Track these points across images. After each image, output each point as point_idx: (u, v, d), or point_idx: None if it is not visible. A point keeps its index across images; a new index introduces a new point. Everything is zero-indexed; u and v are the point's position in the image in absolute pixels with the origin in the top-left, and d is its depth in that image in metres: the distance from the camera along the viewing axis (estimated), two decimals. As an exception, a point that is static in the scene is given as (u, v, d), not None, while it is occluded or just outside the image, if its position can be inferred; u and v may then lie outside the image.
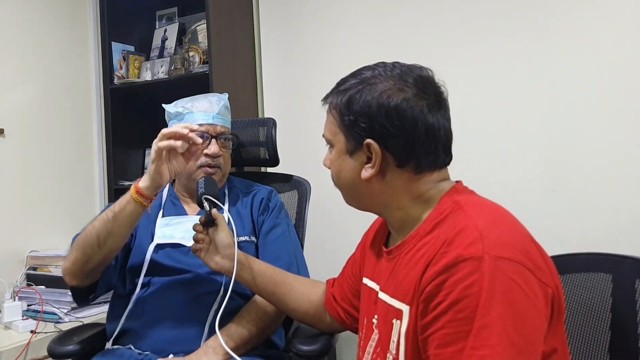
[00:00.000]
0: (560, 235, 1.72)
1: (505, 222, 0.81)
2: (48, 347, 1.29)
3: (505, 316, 0.70)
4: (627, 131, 1.67)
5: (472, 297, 0.71)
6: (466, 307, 0.71)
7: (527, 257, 0.75)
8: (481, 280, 0.71)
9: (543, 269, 0.77)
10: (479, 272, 0.72)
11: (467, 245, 0.75)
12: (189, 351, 1.19)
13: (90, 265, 1.24)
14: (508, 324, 0.70)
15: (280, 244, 1.38)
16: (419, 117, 0.83)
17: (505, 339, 0.69)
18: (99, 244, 1.20)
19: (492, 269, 0.72)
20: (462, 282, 0.72)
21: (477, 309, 0.71)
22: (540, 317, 0.74)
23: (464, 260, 0.73)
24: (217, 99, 1.46)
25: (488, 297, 0.71)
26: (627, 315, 1.01)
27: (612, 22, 1.69)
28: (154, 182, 1.17)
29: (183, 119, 1.40)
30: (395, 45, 2.05)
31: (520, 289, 0.72)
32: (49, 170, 2.30)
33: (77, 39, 2.48)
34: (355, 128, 0.86)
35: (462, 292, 0.72)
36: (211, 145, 1.38)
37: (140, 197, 1.17)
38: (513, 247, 0.75)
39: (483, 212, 0.81)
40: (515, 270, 0.73)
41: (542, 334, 0.74)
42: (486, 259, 0.72)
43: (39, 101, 2.28)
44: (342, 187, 0.94)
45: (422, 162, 0.85)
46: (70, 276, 1.27)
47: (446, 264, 0.75)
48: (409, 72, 0.87)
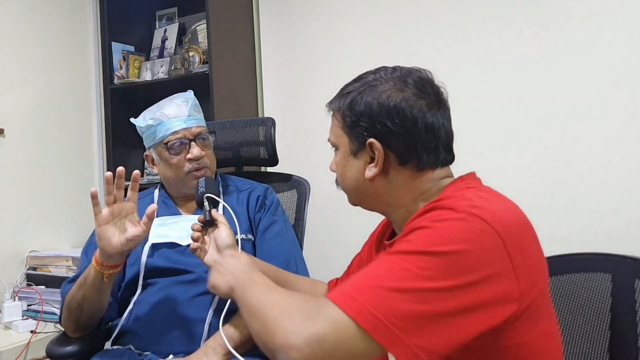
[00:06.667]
0: (560, 235, 1.72)
1: (504, 204, 0.81)
2: (47, 348, 1.28)
3: (440, 257, 0.72)
4: (626, 131, 1.67)
5: (428, 229, 0.75)
6: (416, 234, 0.76)
7: (508, 233, 0.75)
8: (448, 218, 0.75)
9: (519, 255, 0.75)
10: (451, 214, 0.76)
11: (451, 203, 0.78)
12: (189, 351, 1.18)
13: (82, 323, 1.26)
14: (439, 265, 0.72)
15: (277, 241, 1.38)
16: (419, 116, 0.86)
17: (414, 276, 0.71)
18: (79, 307, 1.22)
19: (465, 217, 0.75)
20: (431, 217, 0.77)
21: (421, 237, 0.75)
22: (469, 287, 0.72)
23: (442, 207, 0.78)
24: (183, 100, 1.40)
25: (440, 234, 0.74)
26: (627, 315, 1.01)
27: (612, 23, 1.69)
28: (99, 243, 1.13)
29: (155, 131, 1.36)
30: (395, 45, 2.05)
31: (474, 247, 0.72)
32: (49, 170, 2.31)
33: (77, 39, 2.48)
34: (357, 128, 0.89)
35: (424, 222, 0.77)
36: (192, 149, 1.35)
37: (98, 265, 1.15)
38: (499, 219, 0.76)
39: (481, 193, 0.83)
40: (483, 229, 0.74)
41: (457, 298, 0.72)
42: (464, 214, 0.75)
43: (39, 101, 2.28)
44: (347, 189, 0.97)
45: (423, 160, 0.88)
46: (69, 332, 1.29)
47: (424, 209, 0.80)
48: (409, 74, 0.90)
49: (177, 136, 1.35)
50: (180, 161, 1.36)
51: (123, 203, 1.13)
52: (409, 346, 0.69)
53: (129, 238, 1.12)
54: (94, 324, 1.29)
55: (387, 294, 0.71)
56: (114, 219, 1.12)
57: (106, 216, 1.11)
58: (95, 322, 1.29)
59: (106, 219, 1.11)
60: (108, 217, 1.11)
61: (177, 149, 1.36)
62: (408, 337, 0.69)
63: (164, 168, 1.40)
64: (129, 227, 1.12)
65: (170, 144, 1.35)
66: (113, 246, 1.11)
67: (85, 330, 1.29)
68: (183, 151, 1.36)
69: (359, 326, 0.70)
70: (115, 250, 1.12)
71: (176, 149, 1.36)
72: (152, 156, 1.43)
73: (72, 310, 1.24)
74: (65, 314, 1.26)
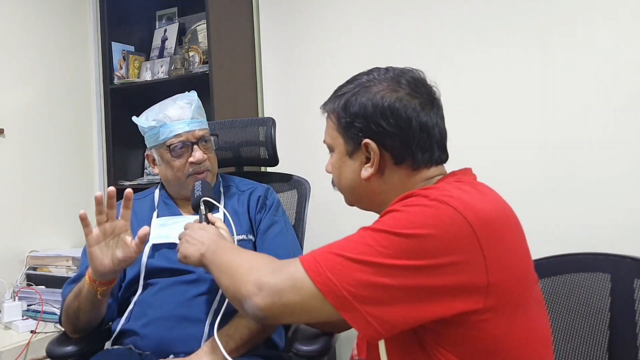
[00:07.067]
0: (560, 235, 1.73)
1: (485, 198, 0.82)
2: (47, 348, 1.28)
3: (403, 238, 0.75)
4: (626, 131, 1.67)
5: (399, 212, 0.79)
6: (389, 216, 0.80)
7: (482, 224, 0.76)
8: (419, 204, 0.78)
9: (495, 247, 0.76)
10: (422, 201, 0.78)
11: (427, 192, 0.81)
12: (189, 351, 1.18)
13: (80, 327, 1.27)
14: (397, 245, 0.75)
15: (278, 241, 1.38)
16: (413, 115, 0.87)
17: (374, 252, 0.75)
18: (76, 316, 1.23)
19: (435, 205, 0.77)
20: (406, 202, 0.81)
21: (390, 219, 0.79)
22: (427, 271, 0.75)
23: (418, 195, 0.81)
24: (187, 102, 1.39)
25: (407, 218, 0.77)
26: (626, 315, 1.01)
27: (612, 23, 1.69)
28: (91, 263, 1.13)
29: (158, 133, 1.35)
30: (394, 45, 2.05)
31: (438, 233, 0.74)
32: (49, 170, 2.30)
33: (77, 39, 2.48)
34: (352, 129, 0.90)
35: (398, 206, 0.80)
36: (194, 152, 1.35)
37: (91, 282, 1.16)
38: (472, 209, 0.77)
39: (464, 186, 0.84)
40: (452, 217, 0.75)
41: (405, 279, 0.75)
42: (435, 202, 0.77)
43: (39, 101, 2.28)
44: (343, 189, 0.98)
45: (418, 159, 0.89)
46: (69, 333, 1.30)
47: (404, 196, 0.83)
48: (402, 74, 0.91)
49: (180, 139, 1.34)
50: (181, 164, 1.36)
51: (115, 222, 1.12)
52: (360, 312, 0.74)
53: (121, 259, 1.12)
54: (93, 327, 1.30)
55: (345, 262, 0.76)
56: (106, 239, 1.12)
57: (97, 236, 1.11)
58: (94, 326, 1.29)
59: (97, 240, 1.11)
60: (99, 237, 1.11)
61: (180, 151, 1.35)
62: (359, 304, 0.74)
63: (165, 169, 1.40)
64: (120, 247, 1.12)
65: (172, 146, 1.35)
66: (105, 266, 1.12)
67: (84, 332, 1.30)
68: (185, 154, 1.36)
69: (315, 285, 0.77)
70: (108, 269, 1.12)
71: (178, 152, 1.35)
72: (153, 156, 1.43)
73: (70, 317, 1.25)
74: (64, 317, 1.27)
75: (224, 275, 0.92)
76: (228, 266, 0.93)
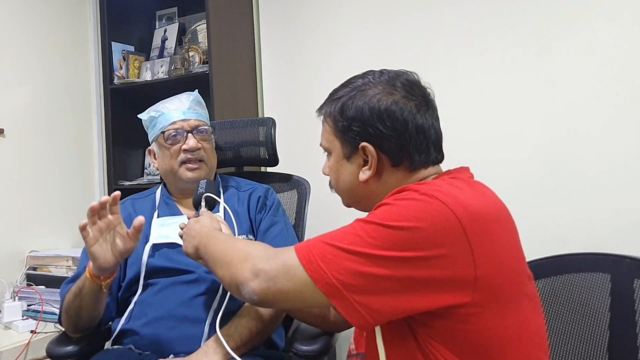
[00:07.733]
0: (560, 235, 1.73)
1: (477, 194, 0.83)
2: (47, 348, 1.29)
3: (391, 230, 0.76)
4: (626, 131, 1.68)
5: (389, 205, 0.80)
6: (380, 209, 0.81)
7: (471, 219, 0.77)
8: (408, 198, 0.79)
9: (483, 242, 0.77)
10: (412, 195, 0.80)
11: (418, 186, 0.82)
12: (189, 351, 1.18)
13: (81, 326, 1.28)
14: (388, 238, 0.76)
15: (278, 242, 1.38)
16: (409, 118, 0.88)
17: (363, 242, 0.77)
18: (77, 315, 1.24)
19: (424, 198, 0.78)
20: (397, 196, 0.82)
21: (381, 211, 0.80)
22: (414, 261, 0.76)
23: (409, 189, 0.82)
24: (187, 95, 1.47)
25: (396, 210, 0.78)
26: (626, 315, 1.01)
27: (612, 23, 1.69)
28: (94, 262, 1.15)
29: (156, 123, 1.42)
30: (395, 45, 2.05)
31: (425, 226, 0.75)
32: (49, 170, 2.30)
33: (77, 39, 2.48)
34: (349, 133, 0.91)
35: (390, 200, 0.82)
36: (188, 140, 1.39)
37: (94, 278, 1.17)
38: (462, 204, 0.78)
39: (456, 182, 0.85)
40: (440, 211, 0.76)
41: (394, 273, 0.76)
42: (424, 196, 0.78)
43: (39, 101, 2.28)
44: (341, 192, 0.98)
45: (415, 160, 0.90)
46: (69, 332, 1.31)
47: (397, 190, 0.84)
48: (397, 77, 0.92)
49: (175, 126, 1.40)
50: (175, 151, 1.39)
51: (107, 218, 1.14)
52: (349, 300, 0.76)
53: (122, 250, 1.14)
54: (94, 325, 1.30)
55: (336, 252, 0.78)
56: (103, 235, 1.13)
57: (94, 235, 1.12)
58: (94, 324, 1.30)
59: (95, 238, 1.12)
60: (97, 236, 1.13)
61: (174, 139, 1.39)
62: (348, 292, 0.76)
63: (162, 159, 1.43)
64: (118, 238, 1.14)
65: (167, 133, 1.40)
66: (109, 261, 1.13)
67: (86, 331, 1.30)
68: (179, 141, 1.40)
69: (307, 273, 0.79)
70: (112, 264, 1.14)
71: (172, 139, 1.39)
72: (154, 150, 1.47)
73: (71, 317, 1.25)
74: (64, 317, 1.28)
75: (219, 265, 0.94)
76: (223, 255, 0.94)
